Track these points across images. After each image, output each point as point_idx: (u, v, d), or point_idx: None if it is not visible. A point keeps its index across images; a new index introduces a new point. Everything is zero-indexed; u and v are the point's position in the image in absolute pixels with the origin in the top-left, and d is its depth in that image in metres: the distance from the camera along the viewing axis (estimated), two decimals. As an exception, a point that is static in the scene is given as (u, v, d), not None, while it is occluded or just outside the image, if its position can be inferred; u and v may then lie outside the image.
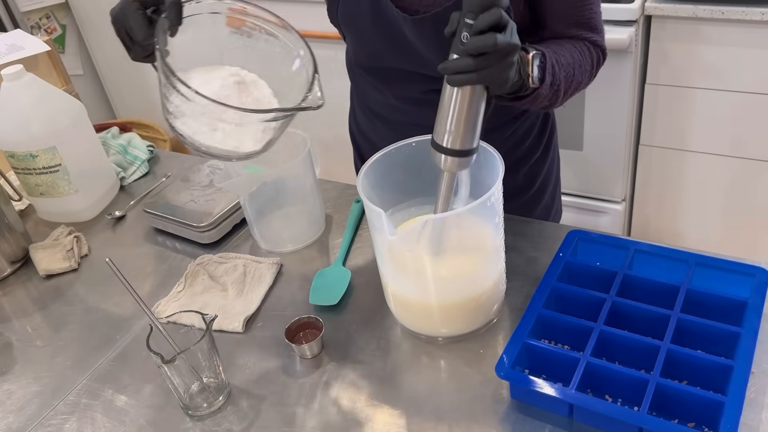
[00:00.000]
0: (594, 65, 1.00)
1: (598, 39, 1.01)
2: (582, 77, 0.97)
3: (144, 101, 2.92)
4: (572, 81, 0.95)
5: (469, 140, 0.81)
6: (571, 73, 0.94)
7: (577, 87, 0.97)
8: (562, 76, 0.91)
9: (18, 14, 2.48)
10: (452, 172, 0.84)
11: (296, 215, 1.16)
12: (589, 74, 0.99)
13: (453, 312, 0.91)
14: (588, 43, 0.99)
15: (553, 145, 1.24)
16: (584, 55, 0.97)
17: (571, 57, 0.94)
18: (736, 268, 0.88)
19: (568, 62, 0.93)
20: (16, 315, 1.11)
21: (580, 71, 0.96)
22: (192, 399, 0.88)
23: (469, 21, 0.75)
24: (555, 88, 0.91)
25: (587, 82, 1.00)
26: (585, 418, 0.78)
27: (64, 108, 1.26)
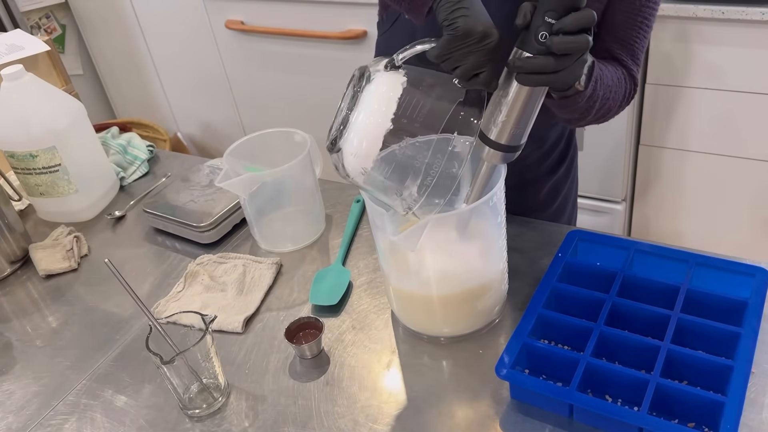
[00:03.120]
0: (626, 96, 0.96)
1: (634, 70, 0.97)
2: (614, 103, 0.93)
3: (144, 101, 2.92)
4: (606, 103, 0.91)
5: (519, 136, 0.79)
6: (608, 94, 0.90)
7: (607, 112, 0.93)
8: (600, 93, 0.88)
9: (18, 14, 2.47)
10: (493, 164, 0.82)
11: (296, 215, 1.16)
12: (619, 105, 0.95)
13: (455, 312, 0.91)
14: (625, 71, 0.96)
15: (575, 163, 1.22)
16: (621, 82, 0.94)
17: (611, 80, 0.91)
18: (736, 268, 0.88)
19: (607, 83, 0.90)
20: (16, 315, 1.11)
21: (615, 96, 0.92)
22: (191, 399, 0.88)
23: (550, 20, 0.71)
24: (591, 102, 0.88)
25: (616, 111, 0.96)
26: (585, 419, 0.78)
27: (64, 108, 1.26)
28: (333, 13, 2.12)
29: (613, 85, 0.91)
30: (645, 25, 0.94)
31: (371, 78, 0.78)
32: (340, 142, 0.78)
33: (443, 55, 0.74)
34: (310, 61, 2.29)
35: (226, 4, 2.36)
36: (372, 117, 0.76)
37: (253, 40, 2.39)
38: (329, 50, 2.22)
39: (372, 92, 0.77)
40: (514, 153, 0.81)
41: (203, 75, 2.63)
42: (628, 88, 0.96)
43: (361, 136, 0.77)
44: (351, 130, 0.77)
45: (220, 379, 0.89)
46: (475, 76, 0.75)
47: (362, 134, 0.77)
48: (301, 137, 1.13)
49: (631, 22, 0.93)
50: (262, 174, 1.06)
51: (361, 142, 0.77)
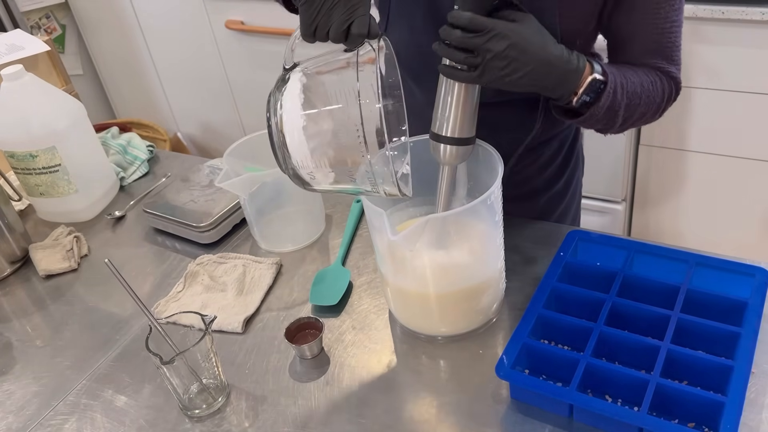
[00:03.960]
0: (665, 98, 0.95)
1: (673, 71, 0.95)
2: (648, 108, 0.93)
3: (144, 101, 2.92)
4: (636, 110, 0.91)
5: (467, 128, 0.83)
6: (636, 101, 0.90)
7: (641, 117, 0.93)
8: (623, 102, 0.88)
9: (18, 14, 2.48)
10: (452, 164, 0.84)
11: (296, 215, 1.16)
12: (657, 107, 0.94)
13: (452, 311, 0.91)
14: (662, 74, 0.94)
15: (575, 180, 1.20)
16: (656, 85, 0.92)
17: (640, 85, 0.90)
18: (736, 268, 0.88)
19: (635, 90, 0.89)
20: (16, 315, 1.11)
21: (647, 101, 0.91)
22: (191, 400, 0.88)
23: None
24: (612, 112, 0.88)
25: (654, 114, 0.95)
26: (585, 419, 0.78)
27: (64, 108, 1.26)
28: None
29: (643, 91, 0.90)
30: (672, 27, 0.91)
31: (279, 90, 0.78)
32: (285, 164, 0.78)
33: (309, 27, 0.73)
34: (310, 61, 2.29)
35: (226, 4, 2.36)
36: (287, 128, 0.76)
37: (253, 40, 2.39)
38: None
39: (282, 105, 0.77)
40: (468, 146, 0.84)
41: (203, 75, 2.63)
42: (668, 89, 0.94)
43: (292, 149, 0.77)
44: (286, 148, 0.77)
45: (220, 379, 0.89)
46: (348, 30, 0.73)
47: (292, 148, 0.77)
48: (301, 137, 1.12)
49: (655, 29, 0.91)
50: (262, 174, 1.06)
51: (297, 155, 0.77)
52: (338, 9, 0.71)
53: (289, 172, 0.79)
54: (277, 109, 0.76)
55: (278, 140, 0.76)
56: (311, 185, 0.80)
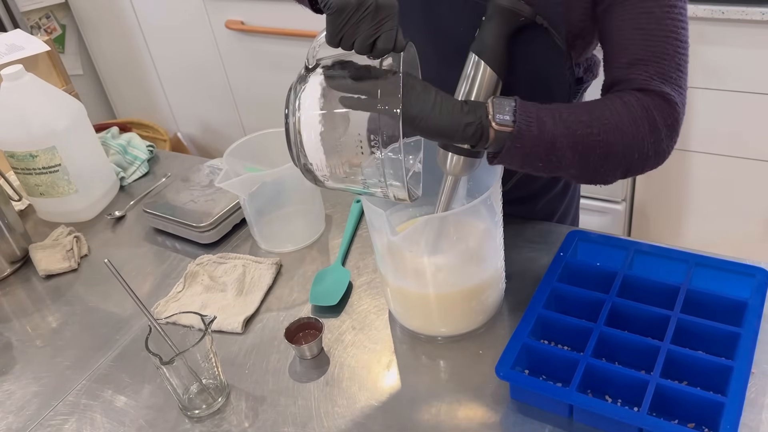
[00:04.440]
0: (653, 129, 0.79)
1: (666, 91, 0.79)
2: (608, 136, 0.78)
3: (144, 101, 2.92)
4: (586, 140, 0.77)
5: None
6: (583, 130, 0.77)
7: (604, 147, 0.78)
8: (559, 130, 0.76)
9: (18, 14, 2.48)
10: (456, 176, 0.84)
11: (296, 215, 1.16)
12: (626, 135, 0.78)
13: (452, 311, 0.91)
14: (638, 93, 0.80)
15: (574, 183, 1.17)
16: (615, 110, 0.79)
17: (587, 113, 0.78)
18: (736, 268, 0.88)
19: (577, 118, 0.77)
20: (16, 315, 1.11)
21: (603, 129, 0.77)
22: (191, 400, 0.88)
23: None
24: (547, 143, 0.76)
25: (629, 141, 0.79)
26: (585, 419, 0.78)
27: (64, 108, 1.26)
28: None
29: (592, 119, 0.78)
30: (668, 36, 0.80)
31: (297, 90, 0.77)
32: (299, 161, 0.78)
33: (335, 36, 0.72)
34: (310, 61, 2.29)
35: (226, 4, 2.35)
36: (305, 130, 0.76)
37: (253, 40, 2.39)
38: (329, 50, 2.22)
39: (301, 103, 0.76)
40: (475, 159, 0.82)
41: (203, 75, 2.63)
42: (654, 116, 0.79)
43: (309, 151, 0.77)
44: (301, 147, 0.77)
45: (220, 379, 0.89)
46: (374, 44, 0.72)
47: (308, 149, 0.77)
48: (301, 137, 1.12)
49: (644, 34, 0.80)
50: (262, 174, 1.06)
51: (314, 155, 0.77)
52: (366, 22, 0.70)
53: (301, 167, 0.79)
54: (295, 109, 0.75)
55: (295, 140, 0.76)
56: (323, 183, 0.80)
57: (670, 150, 0.82)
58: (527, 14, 0.82)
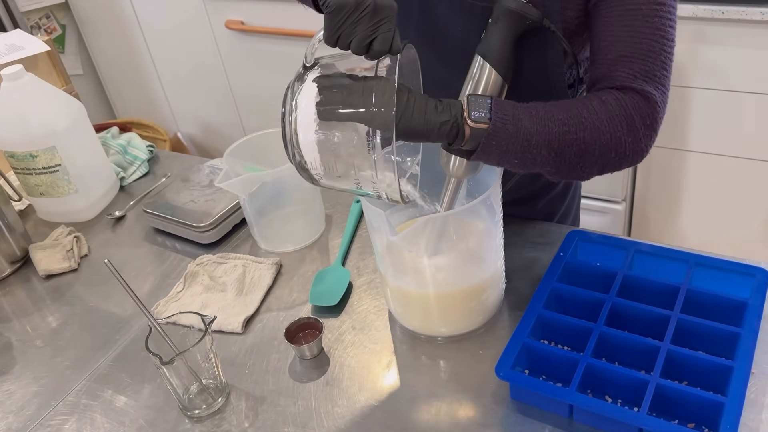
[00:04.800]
0: (616, 118, 0.78)
1: (647, 90, 0.79)
2: (585, 134, 0.78)
3: (144, 101, 2.92)
4: (562, 138, 0.77)
5: None
6: (559, 129, 0.77)
7: (580, 145, 0.78)
8: (535, 128, 0.76)
9: (18, 14, 2.47)
10: (459, 178, 0.84)
11: (296, 215, 1.16)
12: (603, 133, 0.78)
13: (452, 311, 0.91)
14: (618, 92, 0.80)
15: (574, 184, 1.18)
16: (593, 108, 0.79)
17: (564, 111, 0.78)
18: (736, 268, 0.88)
19: (554, 116, 0.78)
20: (16, 315, 1.11)
21: (579, 127, 0.78)
22: (191, 400, 0.88)
23: None
24: (523, 140, 0.76)
25: (606, 140, 0.78)
26: (585, 419, 0.78)
27: (64, 108, 1.26)
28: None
29: (569, 117, 0.78)
30: (655, 35, 0.80)
31: (295, 87, 0.77)
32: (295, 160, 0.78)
33: (332, 35, 0.72)
34: (310, 61, 2.29)
35: (226, 4, 2.35)
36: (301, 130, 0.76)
37: (253, 40, 2.39)
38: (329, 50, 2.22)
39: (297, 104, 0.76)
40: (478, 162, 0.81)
41: (203, 75, 2.63)
42: (632, 115, 0.79)
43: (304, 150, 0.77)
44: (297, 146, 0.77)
45: (220, 379, 0.89)
46: (371, 45, 0.72)
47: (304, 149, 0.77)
48: (301, 137, 1.12)
49: (631, 30, 0.80)
50: (262, 174, 1.06)
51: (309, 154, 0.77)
52: (363, 23, 0.70)
53: (296, 165, 0.79)
54: (292, 109, 0.76)
55: (291, 138, 0.76)
56: (318, 181, 0.80)
57: (648, 148, 0.82)
58: (534, 17, 0.82)
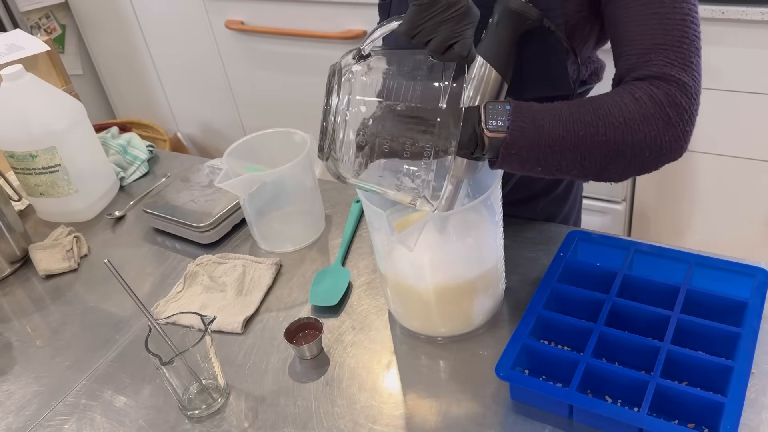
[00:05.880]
0: (651, 116, 0.75)
1: (682, 77, 0.75)
2: (615, 135, 0.75)
3: (144, 101, 2.92)
4: (589, 140, 0.75)
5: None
6: (586, 131, 0.75)
7: (610, 147, 0.75)
8: (557, 132, 0.75)
9: (18, 14, 2.47)
10: (458, 178, 0.83)
11: (296, 215, 1.16)
12: (636, 132, 0.75)
13: (452, 311, 0.91)
14: (651, 87, 0.76)
15: (576, 184, 1.17)
16: (624, 106, 0.76)
17: (592, 113, 0.75)
18: (736, 268, 0.88)
19: (580, 118, 0.75)
20: (16, 315, 1.11)
21: (609, 128, 0.75)
22: (191, 400, 0.88)
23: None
24: (544, 147, 0.75)
25: (639, 139, 0.75)
26: (585, 419, 0.78)
27: (64, 108, 1.26)
28: (333, 13, 2.12)
29: (597, 119, 0.75)
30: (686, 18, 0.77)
31: (344, 73, 0.76)
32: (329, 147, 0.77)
33: (413, 28, 0.70)
34: (311, 61, 2.29)
35: (226, 4, 2.35)
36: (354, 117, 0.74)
37: (253, 40, 2.39)
38: (329, 50, 2.22)
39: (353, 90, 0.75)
40: (477, 162, 0.81)
41: (203, 75, 2.63)
42: (668, 113, 0.76)
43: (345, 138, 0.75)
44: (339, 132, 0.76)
45: (220, 379, 0.89)
46: (450, 47, 0.71)
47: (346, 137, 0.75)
48: (301, 137, 1.13)
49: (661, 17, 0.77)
50: (262, 174, 1.06)
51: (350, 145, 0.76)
52: (451, 23, 0.69)
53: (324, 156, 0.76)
54: (338, 92, 0.73)
55: (331, 121, 0.73)
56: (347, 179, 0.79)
57: (688, 143, 0.79)
58: (535, 17, 0.82)
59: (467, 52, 0.72)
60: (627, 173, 0.80)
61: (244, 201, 1.11)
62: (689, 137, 0.79)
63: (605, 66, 1.05)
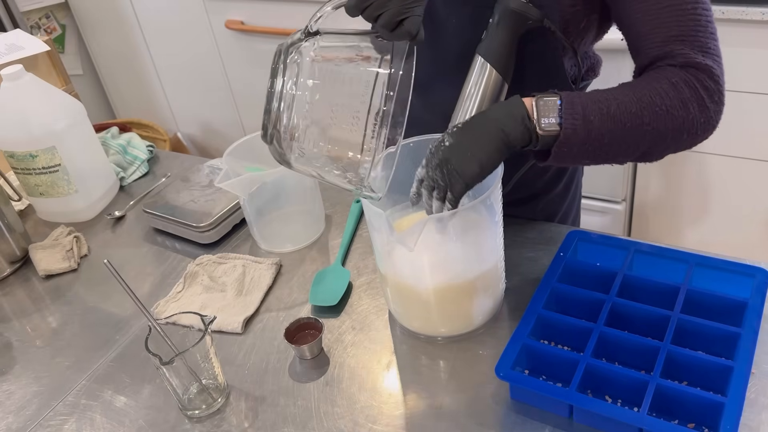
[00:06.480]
0: (688, 101, 0.78)
1: (705, 61, 0.78)
2: (659, 123, 0.78)
3: (144, 101, 2.92)
4: (636, 131, 0.78)
5: None
6: (633, 122, 0.77)
7: (654, 134, 0.78)
8: (606, 127, 0.77)
9: (18, 14, 2.47)
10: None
11: (296, 215, 1.16)
12: (677, 118, 0.78)
13: (452, 311, 0.91)
14: (682, 71, 0.79)
15: (575, 182, 1.18)
16: (665, 93, 0.78)
17: (637, 102, 0.77)
18: (736, 268, 0.88)
19: (626, 109, 0.77)
20: (16, 315, 1.11)
21: (653, 117, 0.77)
22: (191, 400, 0.88)
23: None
24: (594, 140, 0.77)
25: (678, 124, 0.78)
26: (585, 419, 0.78)
27: (64, 108, 1.26)
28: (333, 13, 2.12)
29: (642, 108, 0.78)
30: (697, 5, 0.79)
31: (290, 52, 0.75)
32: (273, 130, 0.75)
33: (362, 2, 0.70)
34: (310, 61, 2.29)
35: (226, 4, 2.35)
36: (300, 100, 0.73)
37: (253, 40, 2.39)
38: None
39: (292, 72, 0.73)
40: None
41: (203, 75, 2.63)
42: (702, 96, 0.78)
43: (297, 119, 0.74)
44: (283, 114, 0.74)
45: (220, 379, 0.89)
46: (400, 24, 0.71)
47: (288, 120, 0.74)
48: (301, 137, 1.12)
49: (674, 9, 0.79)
50: (262, 174, 1.06)
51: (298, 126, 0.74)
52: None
53: (268, 140, 0.76)
54: (283, 74, 0.73)
55: (275, 105, 0.73)
56: (290, 162, 0.78)
57: (719, 121, 0.82)
58: (535, 17, 0.82)
59: (416, 30, 0.71)
60: (665, 154, 0.83)
61: (244, 201, 1.11)
62: (720, 116, 0.82)
63: (602, 61, 1.06)
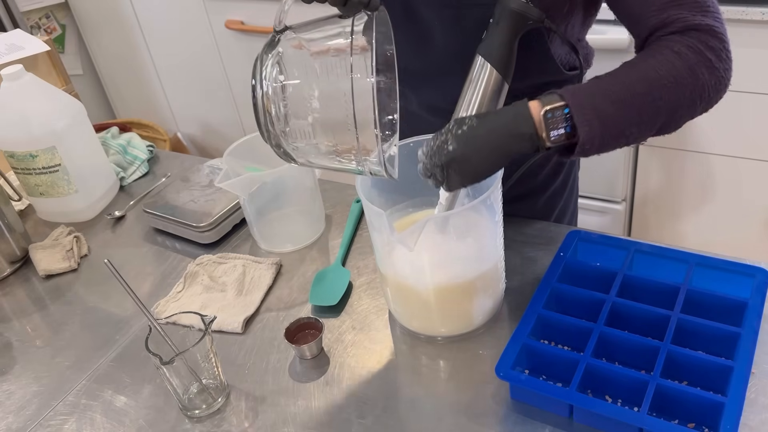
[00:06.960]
0: (695, 66, 0.76)
1: (692, 19, 0.77)
2: (671, 96, 0.77)
3: (144, 101, 2.92)
4: (649, 110, 0.77)
5: None
6: (645, 102, 0.77)
7: (668, 108, 0.77)
8: (620, 116, 0.77)
9: (18, 14, 2.47)
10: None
11: (296, 215, 1.16)
12: (687, 86, 0.77)
13: (452, 311, 0.91)
14: (685, 37, 0.77)
15: (572, 178, 1.18)
16: (670, 64, 0.77)
17: (644, 82, 0.77)
18: (736, 268, 0.88)
19: (635, 91, 0.77)
20: (16, 315, 1.11)
21: (663, 92, 0.76)
22: (191, 400, 0.88)
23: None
24: (613, 130, 0.77)
25: (690, 92, 0.78)
26: (585, 419, 0.78)
27: (64, 108, 1.26)
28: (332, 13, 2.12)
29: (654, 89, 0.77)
30: None
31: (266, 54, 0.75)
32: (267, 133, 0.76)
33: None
34: (310, 61, 2.29)
35: (226, 4, 2.35)
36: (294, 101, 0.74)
37: (253, 40, 2.39)
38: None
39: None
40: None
41: (203, 75, 2.63)
42: (709, 57, 0.77)
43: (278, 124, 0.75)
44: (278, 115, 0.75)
45: (220, 379, 0.89)
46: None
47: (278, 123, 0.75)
48: (301, 137, 1.12)
49: None
50: (262, 174, 1.06)
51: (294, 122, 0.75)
52: None
53: (271, 142, 0.77)
54: (263, 80, 0.74)
55: (263, 114, 0.74)
56: (296, 159, 0.79)
57: (729, 80, 0.81)
58: (536, 17, 0.82)
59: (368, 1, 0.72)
60: (682, 123, 0.81)
61: (244, 201, 1.11)
62: (730, 74, 0.80)
63: (594, 52, 1.06)
